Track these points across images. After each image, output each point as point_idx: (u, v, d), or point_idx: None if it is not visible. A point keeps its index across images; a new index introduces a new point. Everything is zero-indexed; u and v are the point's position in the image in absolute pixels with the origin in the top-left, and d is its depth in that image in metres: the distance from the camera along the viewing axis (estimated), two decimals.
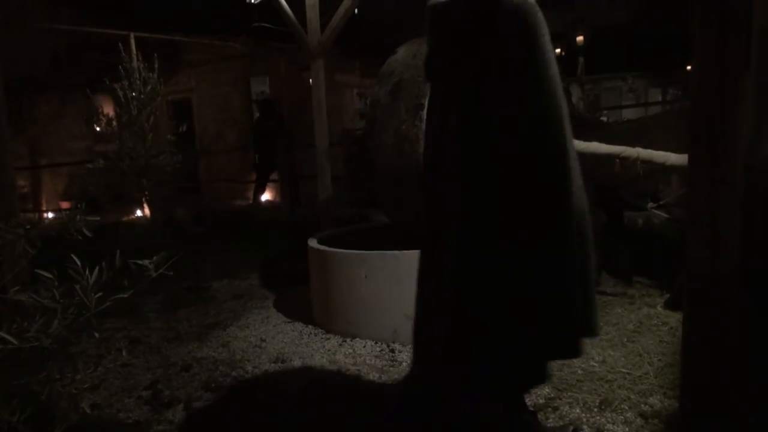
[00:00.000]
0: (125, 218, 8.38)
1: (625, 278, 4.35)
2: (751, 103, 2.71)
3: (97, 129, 6.42)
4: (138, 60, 6.06)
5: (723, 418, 1.77)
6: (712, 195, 1.69)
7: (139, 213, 7.29)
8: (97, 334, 1.89)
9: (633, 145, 3.56)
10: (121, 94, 5.92)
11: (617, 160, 3.53)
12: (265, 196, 12.42)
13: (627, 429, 2.32)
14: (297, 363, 3.22)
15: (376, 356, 3.26)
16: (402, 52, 3.76)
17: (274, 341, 3.63)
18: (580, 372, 2.86)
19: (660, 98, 16.95)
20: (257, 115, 10.35)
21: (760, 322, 1.97)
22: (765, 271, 2.03)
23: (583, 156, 3.64)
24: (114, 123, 6.10)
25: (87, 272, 1.80)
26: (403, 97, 3.49)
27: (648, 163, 3.51)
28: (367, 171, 4.29)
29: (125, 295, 1.88)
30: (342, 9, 5.69)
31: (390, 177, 3.60)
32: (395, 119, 3.50)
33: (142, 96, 5.93)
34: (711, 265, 1.71)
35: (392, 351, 3.31)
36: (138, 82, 5.93)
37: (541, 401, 2.58)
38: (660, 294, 3.99)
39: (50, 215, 11.13)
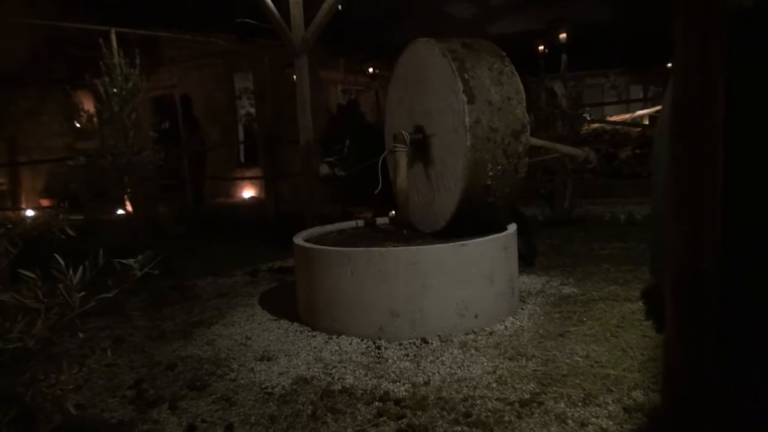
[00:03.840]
0: (107, 216, 8.28)
1: None
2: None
3: (78, 126, 6.33)
4: (119, 56, 5.99)
5: (705, 411, 1.80)
6: (694, 192, 1.71)
7: (121, 211, 7.20)
8: (81, 334, 1.87)
9: None
10: (102, 90, 5.85)
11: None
12: (249, 193, 12.37)
13: (611, 422, 2.35)
14: (283, 360, 3.22)
15: (362, 353, 3.27)
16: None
17: (260, 339, 3.62)
18: (564, 367, 2.89)
19: (641, 95, 17.15)
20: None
21: (742, 317, 2.01)
22: (748, 266, 2.07)
23: None
24: (95, 120, 6.02)
25: (70, 271, 1.77)
26: (484, 50, 3.85)
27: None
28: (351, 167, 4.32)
29: (110, 295, 1.86)
30: (326, 6, 5.68)
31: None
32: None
33: (123, 92, 5.87)
34: (693, 261, 1.74)
35: (378, 348, 3.32)
36: (119, 78, 5.86)
37: (526, 396, 2.61)
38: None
39: (30, 213, 10.96)
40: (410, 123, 4.03)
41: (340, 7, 5.92)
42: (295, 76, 6.17)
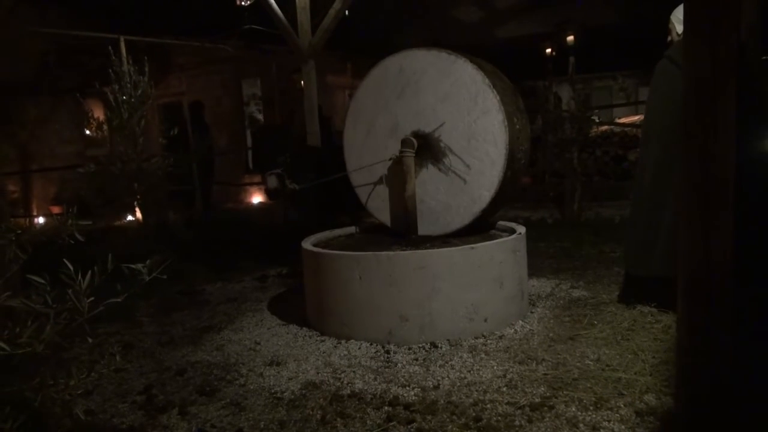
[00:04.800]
0: (117, 223, 8.34)
1: None
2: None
3: (88, 133, 6.39)
4: (128, 63, 6.03)
5: (719, 414, 1.78)
6: (704, 190, 1.70)
7: (130, 217, 7.24)
8: (90, 339, 1.88)
9: None
10: (111, 97, 5.89)
11: None
12: (258, 199, 12.41)
13: (623, 427, 2.32)
14: (292, 365, 3.21)
15: (372, 358, 3.26)
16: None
17: (269, 344, 3.61)
18: (575, 371, 2.87)
19: None
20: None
21: (755, 317, 1.98)
22: (758, 264, 2.05)
23: None
24: (105, 127, 6.07)
25: (79, 277, 1.78)
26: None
27: None
28: None
29: (119, 300, 1.86)
30: (333, 11, 5.71)
31: None
32: None
33: (132, 99, 5.91)
34: (705, 261, 1.72)
35: (387, 352, 3.30)
36: (128, 85, 5.90)
37: (536, 400, 2.59)
38: None
39: (41, 220, 11.06)
40: (395, 138, 4.04)
41: (347, 12, 5.94)
42: (302, 82, 6.20)
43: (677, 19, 3.71)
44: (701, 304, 1.76)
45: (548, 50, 13.82)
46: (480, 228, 4.10)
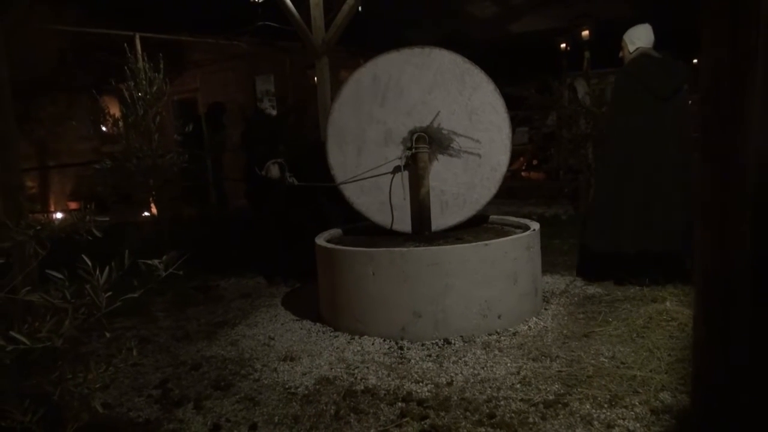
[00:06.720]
0: (132, 218, 8.41)
1: None
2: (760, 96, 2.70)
3: (104, 130, 6.43)
4: (143, 60, 6.07)
5: (736, 413, 1.76)
6: (722, 189, 1.67)
7: (146, 213, 7.29)
8: (107, 334, 1.90)
9: None
10: (127, 94, 5.92)
11: None
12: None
13: (638, 425, 2.31)
14: (305, 361, 3.23)
15: (385, 353, 3.26)
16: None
17: (283, 339, 3.64)
18: (590, 368, 2.85)
19: None
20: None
21: None
22: None
23: None
24: (120, 123, 6.11)
25: (97, 272, 1.80)
26: None
27: None
28: None
29: (136, 295, 1.88)
30: (346, 7, 5.71)
31: None
32: None
33: (148, 96, 5.94)
34: (721, 261, 1.70)
35: (400, 348, 3.31)
36: (144, 82, 5.93)
37: (550, 397, 2.58)
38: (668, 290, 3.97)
39: (58, 216, 11.18)
40: (392, 145, 4.06)
41: (360, 8, 5.93)
42: (316, 78, 6.21)
43: (629, 39, 4.25)
44: (717, 301, 1.74)
45: (563, 45, 13.69)
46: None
